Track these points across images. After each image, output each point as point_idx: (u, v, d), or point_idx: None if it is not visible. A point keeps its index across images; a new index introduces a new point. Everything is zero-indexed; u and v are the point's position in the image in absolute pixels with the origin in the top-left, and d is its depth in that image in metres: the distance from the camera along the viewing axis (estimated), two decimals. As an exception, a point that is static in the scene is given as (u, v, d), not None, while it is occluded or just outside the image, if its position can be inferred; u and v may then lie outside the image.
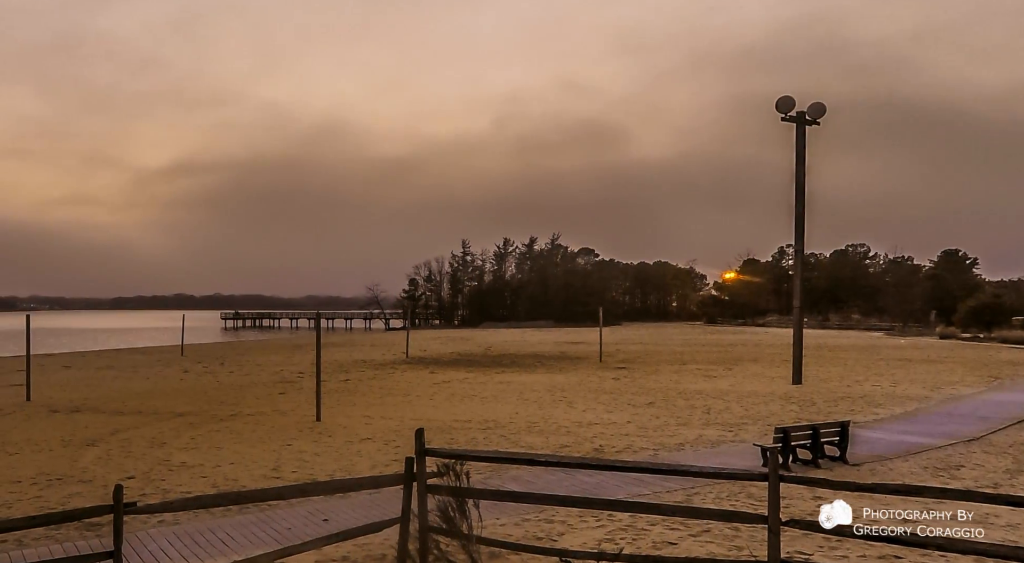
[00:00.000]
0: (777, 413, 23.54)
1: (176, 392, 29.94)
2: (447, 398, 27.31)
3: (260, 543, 10.46)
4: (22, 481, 14.53)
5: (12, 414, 23.78)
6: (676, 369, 39.24)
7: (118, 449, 17.75)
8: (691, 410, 24.11)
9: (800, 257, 34.23)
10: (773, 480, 7.93)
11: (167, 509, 8.85)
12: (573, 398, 27.13)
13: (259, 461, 16.30)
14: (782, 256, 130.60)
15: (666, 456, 16.85)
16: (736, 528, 10.76)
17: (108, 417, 22.91)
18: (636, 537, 10.64)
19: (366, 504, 12.17)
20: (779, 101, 31.69)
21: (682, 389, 29.91)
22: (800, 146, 32.11)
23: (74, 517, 7.98)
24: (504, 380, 33.73)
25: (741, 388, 30.38)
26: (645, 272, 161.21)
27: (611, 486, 13.54)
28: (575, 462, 11.60)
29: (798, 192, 32.54)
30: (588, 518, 11.47)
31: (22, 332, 29.08)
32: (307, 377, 33.62)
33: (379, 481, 10.32)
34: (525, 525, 11.18)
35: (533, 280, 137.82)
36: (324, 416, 22.27)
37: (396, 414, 23.24)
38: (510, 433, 19.86)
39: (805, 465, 15.88)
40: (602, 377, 35.00)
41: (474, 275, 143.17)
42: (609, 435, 19.51)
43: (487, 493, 9.29)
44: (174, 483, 14.30)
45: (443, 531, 8.80)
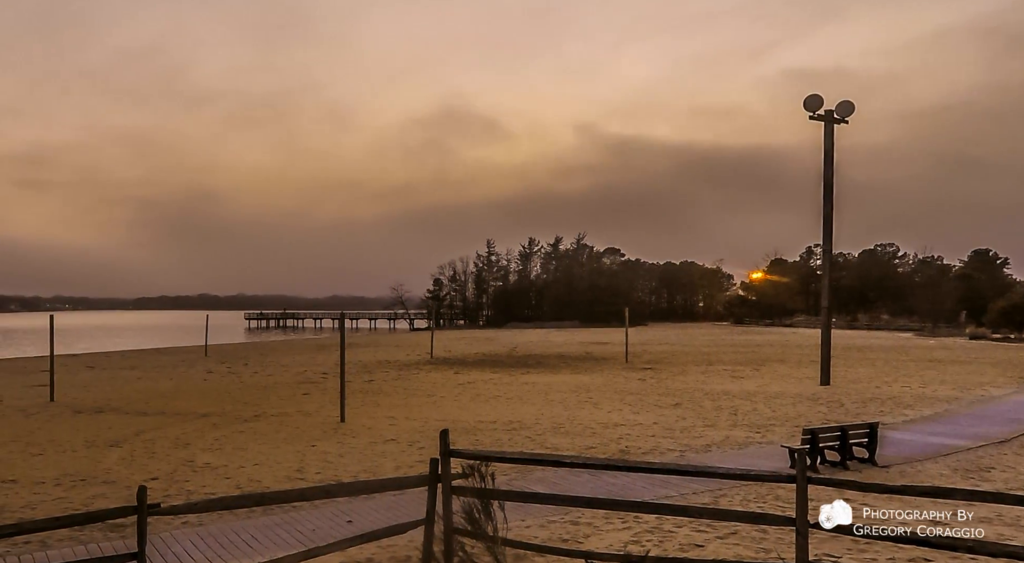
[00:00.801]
0: (805, 414, 23.35)
1: (200, 393, 30.06)
2: (472, 399, 27.29)
3: (284, 545, 10.45)
4: (46, 482, 14.58)
5: (36, 415, 23.95)
6: (703, 370, 39.03)
7: (142, 450, 17.82)
8: (718, 411, 23.96)
9: (828, 257, 33.95)
10: (801, 482, 7.84)
11: (191, 510, 8.85)
12: (599, 399, 27.03)
13: (283, 462, 16.32)
14: (810, 256, 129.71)
15: (693, 457, 16.74)
16: (764, 530, 10.65)
17: (132, 418, 23.05)
18: (662, 539, 10.57)
19: (390, 505, 12.15)
20: (807, 99, 31.42)
21: (709, 390, 29.74)
22: (828, 145, 31.82)
23: (98, 518, 7.97)
24: (529, 381, 33.68)
25: (768, 389, 30.16)
26: (672, 272, 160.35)
27: (637, 488, 13.47)
28: (601, 464, 11.55)
29: (826, 191, 32.25)
30: (614, 520, 11.41)
31: (46, 331, 29.20)
32: (331, 378, 33.68)
33: (403, 482, 10.30)
34: (551, 527, 11.13)
35: (558, 280, 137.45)
36: (348, 417, 22.30)
37: (420, 415, 23.24)
38: (535, 434, 19.81)
39: (833, 467, 15.75)
40: (628, 378, 34.87)
41: (499, 275, 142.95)
42: (635, 436, 19.42)
43: (512, 495, 9.24)
44: (198, 484, 14.33)
45: (468, 533, 8.76)
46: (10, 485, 14.33)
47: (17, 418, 23.23)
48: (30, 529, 7.78)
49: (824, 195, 32.32)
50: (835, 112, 31.58)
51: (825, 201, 32.33)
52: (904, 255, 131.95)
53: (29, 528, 7.75)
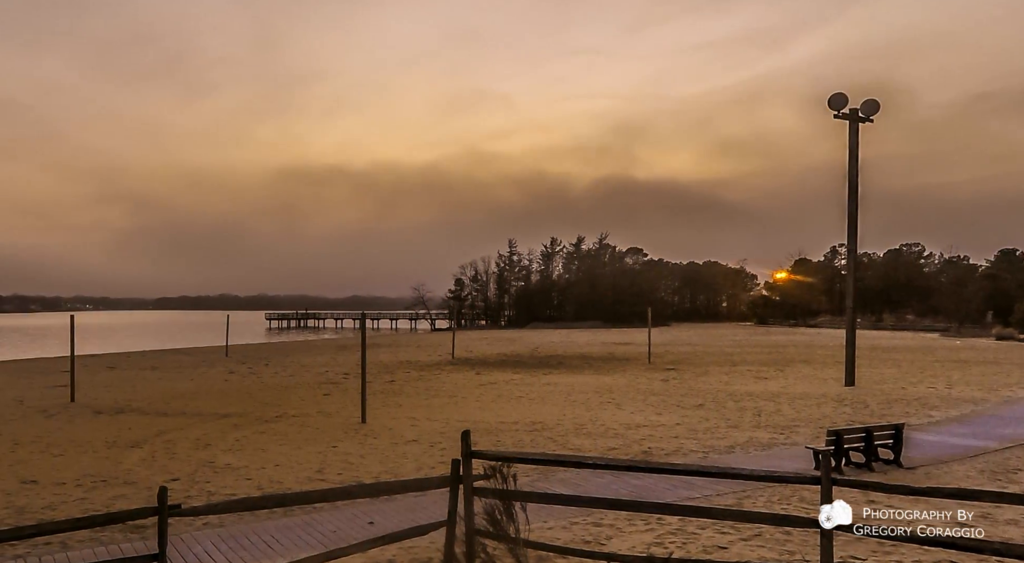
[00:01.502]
0: (829, 415, 23.17)
1: (220, 393, 30.11)
2: (493, 399, 27.27)
3: (305, 546, 10.45)
4: (66, 483, 14.58)
5: (57, 415, 24.03)
6: (726, 370, 38.84)
7: (162, 451, 17.83)
8: (741, 412, 23.82)
9: (853, 257, 33.68)
10: (825, 483, 7.76)
11: (212, 511, 8.85)
12: (621, 400, 26.94)
13: (304, 463, 16.32)
14: (835, 256, 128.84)
15: (716, 459, 16.64)
16: (788, 532, 10.56)
17: (152, 418, 23.11)
18: (686, 541, 10.50)
19: (412, 507, 12.13)
20: (831, 98, 31.16)
21: (732, 391, 29.58)
22: (853, 144, 31.56)
23: (119, 519, 7.93)
24: (551, 381, 33.62)
25: (792, 390, 29.96)
26: (695, 272, 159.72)
27: (660, 489, 13.40)
28: (623, 465, 11.47)
29: (851, 190, 32.00)
30: (637, 521, 11.34)
31: (66, 331, 29.31)
32: (352, 378, 33.85)
33: (425, 483, 10.27)
34: (573, 528, 11.08)
35: (581, 280, 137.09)
36: (369, 418, 22.30)
37: (442, 416, 23.23)
38: (557, 435, 19.76)
39: (858, 468, 15.61)
40: (651, 378, 34.74)
41: (521, 275, 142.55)
42: (658, 437, 19.33)
43: (534, 496, 9.21)
44: (219, 485, 14.32)
45: (490, 534, 8.74)
46: (31, 486, 14.37)
47: (38, 419, 23.33)
48: (51, 530, 7.74)
49: (849, 194, 32.07)
50: (860, 111, 31.32)
51: (850, 200, 32.08)
52: (930, 255, 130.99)
53: (50, 529, 7.72)
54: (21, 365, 47.65)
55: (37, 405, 26.44)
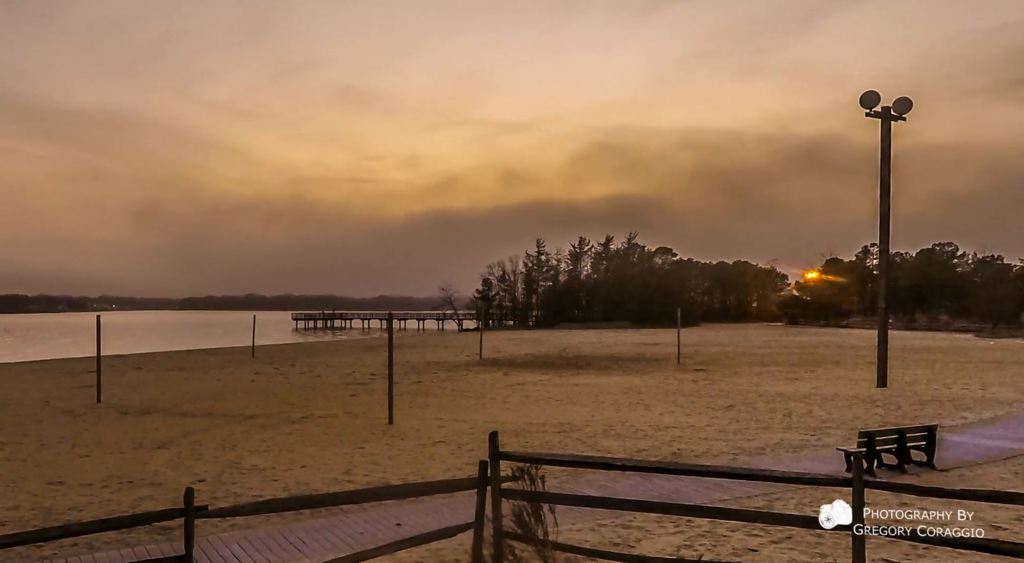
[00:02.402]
0: (861, 417, 22.94)
1: (247, 394, 30.14)
2: (521, 400, 27.23)
3: (332, 548, 10.46)
4: (93, 484, 14.62)
5: (83, 416, 24.10)
6: (756, 371, 38.58)
7: (189, 452, 17.86)
8: (772, 413, 23.64)
9: (885, 256, 33.36)
10: (857, 486, 7.66)
11: (238, 513, 8.87)
12: (650, 401, 26.82)
13: (331, 464, 16.31)
14: (866, 255, 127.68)
15: (746, 460, 16.49)
16: (819, 535, 10.43)
17: (178, 419, 23.17)
18: (716, 543, 10.42)
19: (439, 508, 12.11)
20: (863, 96, 30.83)
21: (762, 392, 29.37)
22: (885, 143, 31.22)
23: (145, 521, 7.93)
24: (579, 382, 33.55)
25: (824, 391, 29.70)
26: (725, 272, 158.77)
27: (690, 491, 13.32)
28: (652, 466, 11.39)
29: (883, 190, 31.65)
30: (666, 524, 11.26)
31: (92, 330, 29.41)
32: (379, 379, 33.87)
33: (452, 485, 10.26)
34: (601, 530, 11.02)
35: (609, 280, 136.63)
36: (396, 418, 22.31)
37: (469, 417, 23.22)
38: (586, 436, 19.70)
39: (891, 470, 15.43)
40: (680, 379, 34.57)
41: (549, 275, 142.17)
42: (687, 439, 19.22)
43: (562, 498, 9.18)
44: (245, 486, 14.32)
45: (518, 536, 8.71)
46: (57, 487, 14.42)
47: (64, 419, 23.41)
48: (77, 531, 7.74)
49: (881, 193, 31.72)
50: (892, 109, 30.97)
51: (882, 200, 31.74)
52: (963, 255, 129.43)
53: (76, 530, 7.72)
54: (47, 365, 47.98)
55: (63, 406, 26.59)
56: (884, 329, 32.41)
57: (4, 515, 12.35)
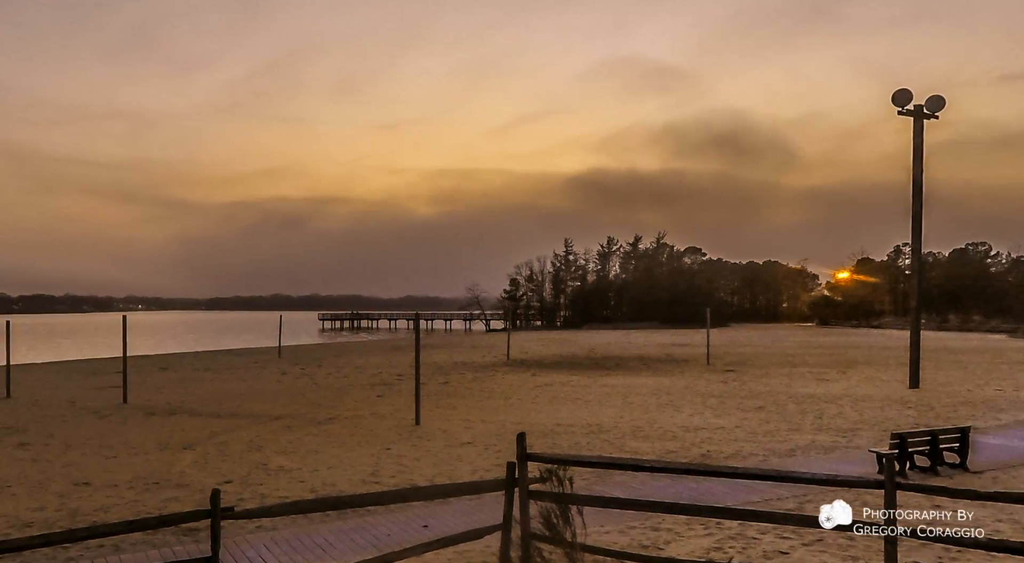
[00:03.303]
0: (893, 418, 22.70)
1: (273, 394, 30.12)
2: (549, 401, 27.17)
3: (359, 549, 10.44)
4: (119, 485, 14.64)
5: (109, 417, 24.17)
6: (787, 372, 38.27)
7: (215, 453, 17.88)
8: (802, 415, 23.45)
9: (918, 256, 33.00)
10: (889, 488, 7.59)
11: (265, 514, 8.86)
12: (679, 402, 26.69)
13: (357, 465, 16.30)
14: (898, 255, 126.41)
15: (776, 462, 16.38)
16: (851, 538, 10.33)
17: (205, 420, 23.19)
18: (746, 546, 10.35)
19: (467, 510, 12.09)
20: (896, 94, 30.51)
21: (793, 393, 29.14)
22: (918, 141, 30.88)
23: (172, 522, 7.93)
24: (608, 383, 33.44)
25: (855, 392, 29.42)
26: (754, 272, 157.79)
27: (719, 493, 13.23)
28: (682, 468, 11.29)
29: (915, 189, 31.32)
30: (696, 526, 11.20)
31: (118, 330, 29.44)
32: (406, 379, 33.84)
33: (480, 487, 10.25)
34: (631, 533, 10.98)
35: (638, 280, 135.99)
36: (423, 419, 22.27)
37: (497, 418, 23.18)
38: (614, 438, 19.63)
39: (923, 472, 15.28)
40: (709, 380, 34.38)
41: (577, 275, 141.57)
42: (717, 440, 19.11)
43: (591, 500, 9.16)
44: (272, 488, 14.31)
45: (546, 538, 8.69)
46: (83, 488, 14.46)
47: (90, 420, 23.50)
48: (104, 532, 7.73)
49: (913, 192, 31.39)
50: (924, 107, 30.62)
51: (914, 199, 31.41)
52: (997, 254, 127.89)
53: (103, 531, 7.72)
54: (73, 366, 48.18)
55: (89, 406, 26.67)
56: (916, 330, 32.08)
57: (30, 516, 12.43)
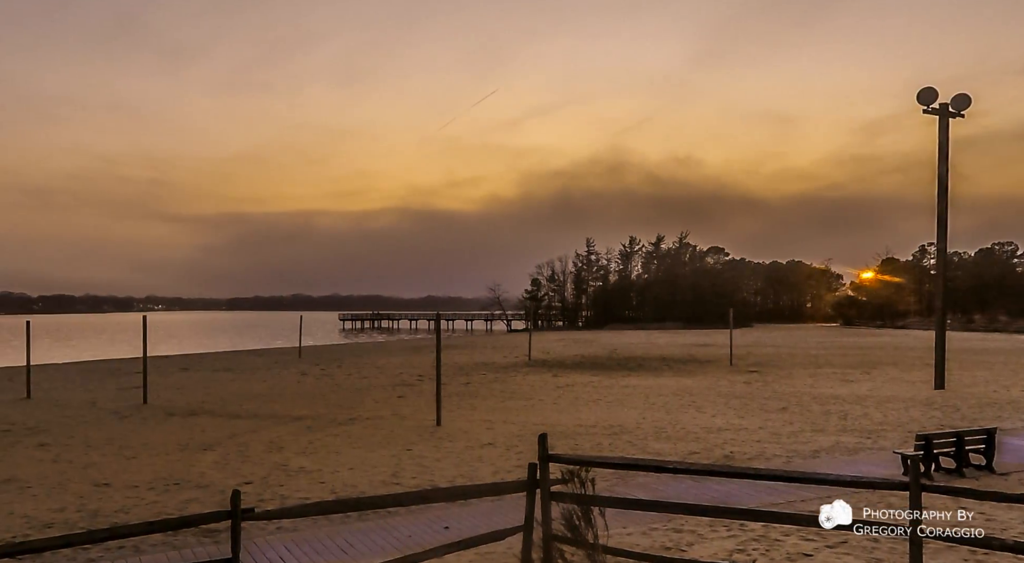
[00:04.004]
0: (918, 419, 22.52)
1: (293, 395, 30.11)
2: (571, 402, 27.12)
3: (380, 551, 10.42)
4: (139, 486, 14.63)
5: (129, 417, 24.16)
6: (811, 373, 38.06)
7: (235, 453, 17.85)
8: (826, 416, 23.30)
9: (943, 256, 32.71)
10: (914, 489, 7.51)
11: (285, 515, 8.84)
12: (702, 403, 26.60)
13: (378, 466, 16.27)
14: (923, 255, 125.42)
15: (800, 464, 16.27)
16: (875, 540, 10.28)
17: (225, 420, 23.16)
18: (769, 548, 10.28)
19: (488, 511, 12.06)
20: (921, 92, 30.24)
21: (817, 394, 28.96)
22: (943, 140, 30.60)
23: (191, 523, 7.89)
24: (630, 384, 33.36)
25: (880, 393, 29.20)
26: (778, 272, 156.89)
27: (742, 495, 13.17)
28: (704, 469, 11.27)
29: (940, 188, 31.04)
30: (719, 528, 11.16)
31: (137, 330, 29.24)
32: (427, 380, 33.88)
33: (501, 488, 10.22)
34: (653, 534, 10.94)
35: (660, 280, 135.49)
36: (444, 420, 22.25)
37: (518, 419, 23.15)
38: (636, 439, 19.57)
39: (948, 474, 15.16)
40: (732, 381, 34.24)
41: (599, 275, 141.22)
42: (740, 441, 19.02)
43: (613, 501, 9.11)
44: (292, 489, 14.29)
45: (568, 540, 8.67)
46: (104, 489, 14.45)
47: (111, 421, 23.48)
48: (124, 534, 7.72)
49: (938, 192, 31.12)
50: (950, 105, 30.35)
51: (939, 198, 31.13)
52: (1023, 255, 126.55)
53: (123, 532, 7.69)
54: (93, 366, 48.35)
55: (110, 407, 26.71)
56: (941, 330, 31.80)
57: (51, 517, 12.44)
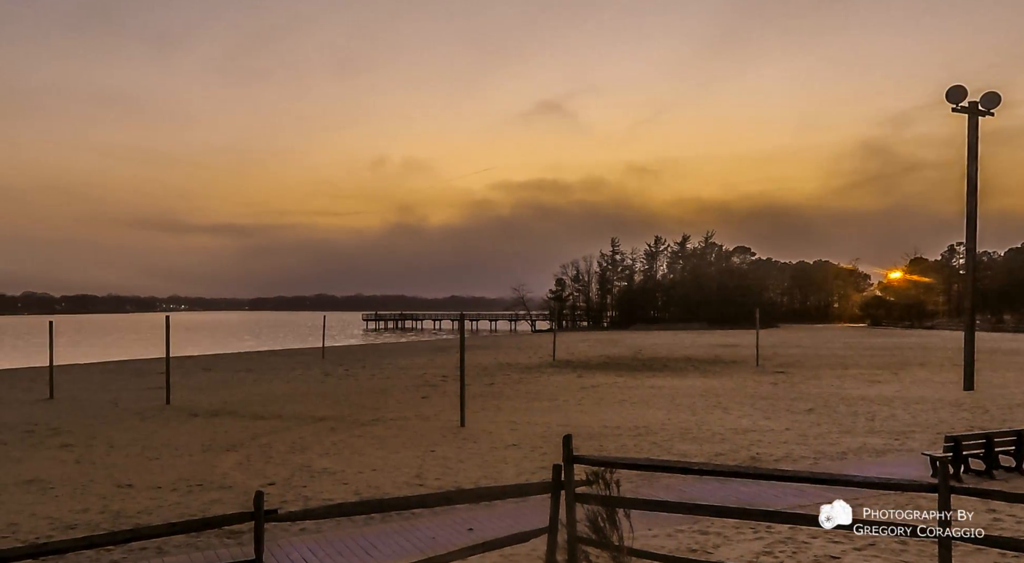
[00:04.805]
0: (947, 420, 22.31)
1: (317, 396, 30.07)
2: (595, 403, 27.06)
3: (404, 552, 10.41)
4: (162, 487, 14.62)
5: (152, 418, 24.16)
6: (838, 374, 37.77)
7: (258, 454, 17.84)
8: (854, 417, 23.11)
9: (972, 256, 32.36)
10: (943, 491, 7.44)
11: (309, 517, 8.80)
12: (728, 404, 26.46)
13: (402, 467, 16.23)
14: (952, 254, 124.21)
15: (827, 465, 16.16)
16: (904, 542, 10.22)
17: (248, 421, 23.13)
18: (796, 550, 10.22)
19: (512, 513, 12.02)
20: (950, 90, 29.92)
21: (844, 395, 28.75)
22: (972, 138, 30.28)
23: (214, 524, 7.82)
24: (655, 384, 33.25)
25: (908, 394, 28.94)
26: (805, 271, 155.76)
27: (769, 496, 13.09)
28: (730, 471, 11.19)
29: (970, 187, 30.72)
30: (745, 530, 11.10)
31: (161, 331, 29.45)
32: (450, 381, 33.75)
33: (525, 489, 10.20)
34: (678, 536, 10.90)
35: (685, 280, 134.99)
36: (468, 421, 22.21)
37: (542, 420, 23.07)
38: (662, 440, 19.50)
39: (978, 476, 15.00)
40: (759, 382, 34.05)
41: (624, 275, 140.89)
42: (766, 443, 18.90)
43: (638, 502, 9.07)
44: (315, 490, 14.26)
45: (592, 542, 8.64)
46: (127, 490, 14.44)
47: (133, 421, 23.48)
48: (147, 535, 7.68)
49: (968, 191, 30.79)
50: (980, 104, 30.02)
51: (968, 197, 30.81)
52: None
53: (146, 534, 7.66)
54: (116, 366, 48.63)
55: (132, 407, 26.73)
56: (971, 331, 31.47)
57: (73, 518, 12.46)
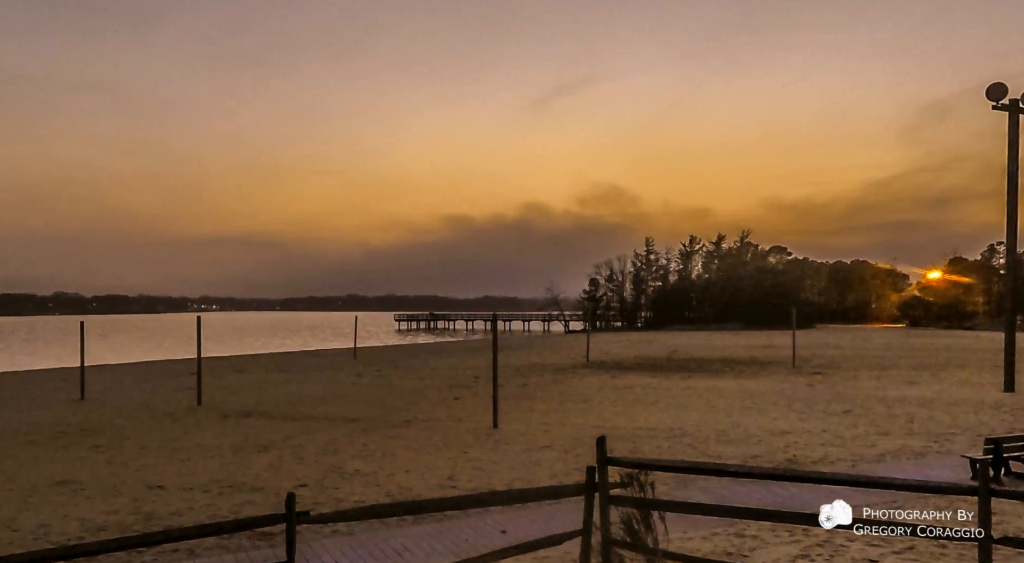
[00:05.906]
0: (987, 422, 21.99)
1: (349, 397, 30.09)
2: (630, 404, 26.95)
3: (437, 555, 10.40)
4: (193, 489, 14.68)
5: (183, 419, 24.27)
6: (876, 375, 37.33)
7: (290, 456, 17.86)
8: (892, 419, 22.85)
9: (1012, 255, 31.95)
10: (983, 494, 7.36)
11: (341, 519, 8.78)
12: (764, 405, 26.26)
13: (434, 469, 16.20)
14: (992, 254, 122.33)
15: (865, 468, 16.01)
16: (943, 546, 10.11)
17: (279, 422, 23.18)
18: (834, 554, 10.14)
19: (545, 515, 11.98)
20: (990, 88, 29.50)
21: (882, 396, 28.42)
22: (1012, 136, 29.83)
23: (246, 526, 7.78)
24: (690, 386, 33.08)
25: (947, 395, 28.56)
26: (842, 271, 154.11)
27: (806, 499, 12.95)
28: (767, 473, 11.10)
29: (1010, 185, 30.27)
30: (781, 532, 11.01)
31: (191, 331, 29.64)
32: (483, 382, 33.75)
33: (559, 491, 10.17)
34: (714, 539, 10.84)
35: (721, 280, 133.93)
36: (501, 423, 22.16)
37: (576, 421, 22.99)
38: (697, 442, 19.38)
39: (1019, 479, 14.77)
40: (795, 383, 33.75)
41: (658, 275, 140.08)
42: (803, 445, 18.74)
43: (673, 505, 9.03)
44: (347, 492, 14.25)
45: (627, 544, 8.61)
46: (158, 492, 14.48)
47: (165, 422, 23.63)
48: (178, 537, 7.68)
49: (1008, 189, 30.35)
50: (1021, 101, 29.56)
51: (1009, 196, 30.36)
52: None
53: (177, 536, 7.67)
54: (147, 367, 49.07)
55: (164, 408, 26.89)
56: (1011, 331, 31.04)
57: (104, 519, 12.51)
